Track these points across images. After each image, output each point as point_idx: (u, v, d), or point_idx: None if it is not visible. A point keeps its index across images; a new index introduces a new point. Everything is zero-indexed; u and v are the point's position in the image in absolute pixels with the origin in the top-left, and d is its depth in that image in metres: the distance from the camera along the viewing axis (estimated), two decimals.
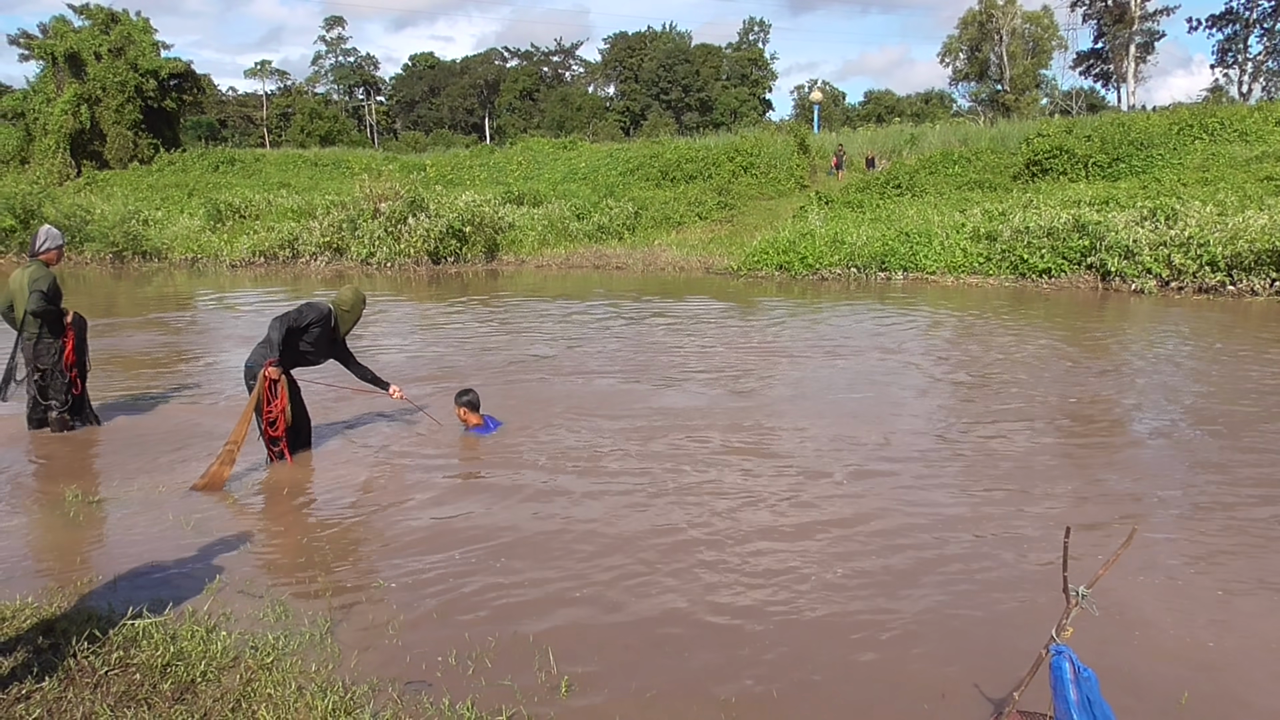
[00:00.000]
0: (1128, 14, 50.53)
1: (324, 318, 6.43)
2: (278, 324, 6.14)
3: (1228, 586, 4.43)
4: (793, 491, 5.81)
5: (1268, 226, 15.47)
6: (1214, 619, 4.12)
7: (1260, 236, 15.29)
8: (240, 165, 37.62)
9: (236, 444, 6.01)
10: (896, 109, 75.91)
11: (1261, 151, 23.75)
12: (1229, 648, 3.86)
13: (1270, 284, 15.10)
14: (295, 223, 24.44)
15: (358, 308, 6.70)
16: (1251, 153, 23.89)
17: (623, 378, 9.33)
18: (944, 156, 27.78)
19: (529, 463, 6.43)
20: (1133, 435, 7.41)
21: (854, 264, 18.48)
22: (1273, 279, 15.12)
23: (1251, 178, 20.67)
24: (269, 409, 6.17)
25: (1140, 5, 50.51)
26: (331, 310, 6.51)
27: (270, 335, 6.10)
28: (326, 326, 6.47)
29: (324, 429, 7.23)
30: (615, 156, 34.20)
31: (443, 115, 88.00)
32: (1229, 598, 4.32)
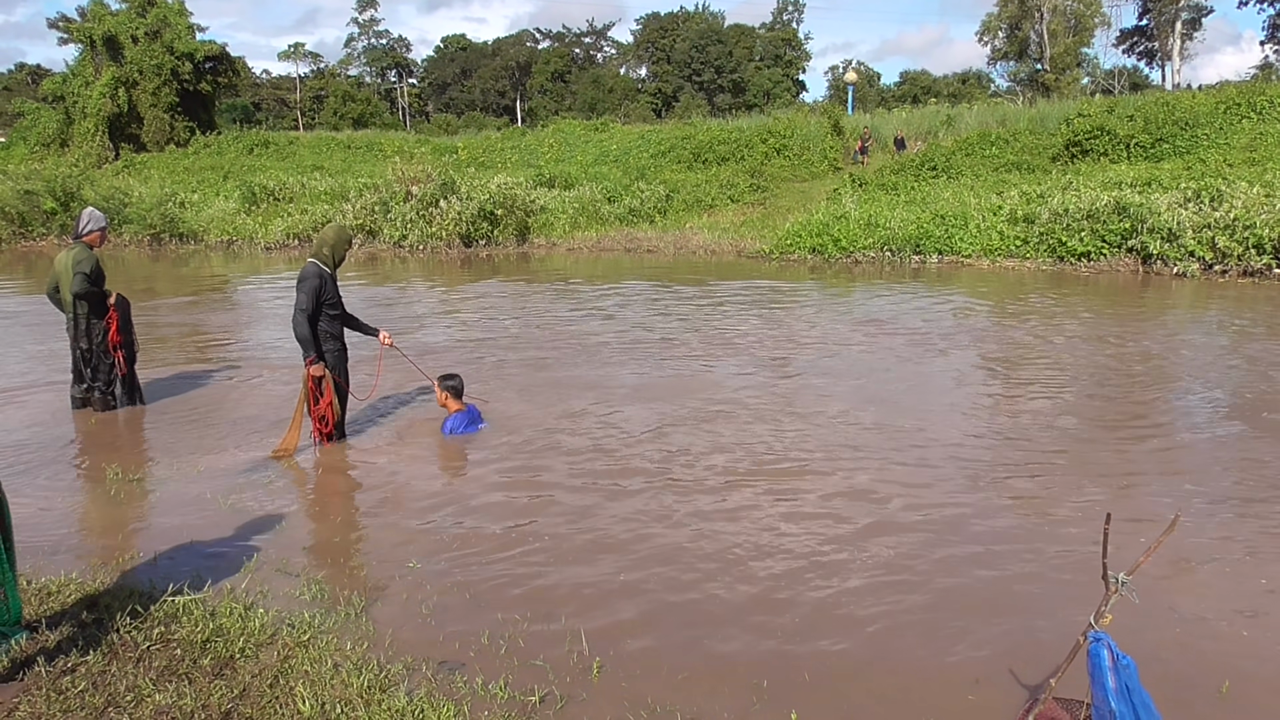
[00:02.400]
0: None
1: (321, 276, 6.25)
2: (302, 316, 6.10)
3: (1271, 577, 4.35)
4: (827, 477, 5.79)
5: None
6: (1257, 609, 4.05)
7: None
8: (274, 148, 37.93)
9: (288, 451, 6.17)
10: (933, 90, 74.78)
11: None
12: (1271, 639, 3.80)
13: None
14: (328, 205, 24.64)
15: (341, 234, 6.47)
16: None
17: (653, 362, 9.32)
18: (981, 138, 27.31)
19: (562, 449, 6.45)
20: (1176, 423, 7.28)
21: (888, 247, 18.27)
22: None
23: None
24: (316, 407, 6.25)
25: None
26: (318, 265, 6.28)
27: (297, 331, 6.12)
28: (330, 280, 6.32)
29: (363, 414, 7.31)
30: (647, 139, 34.04)
31: (474, 97, 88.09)
32: (1272, 588, 4.25)
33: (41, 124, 38.22)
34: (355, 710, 3.17)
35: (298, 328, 6.12)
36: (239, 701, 3.25)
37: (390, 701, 3.23)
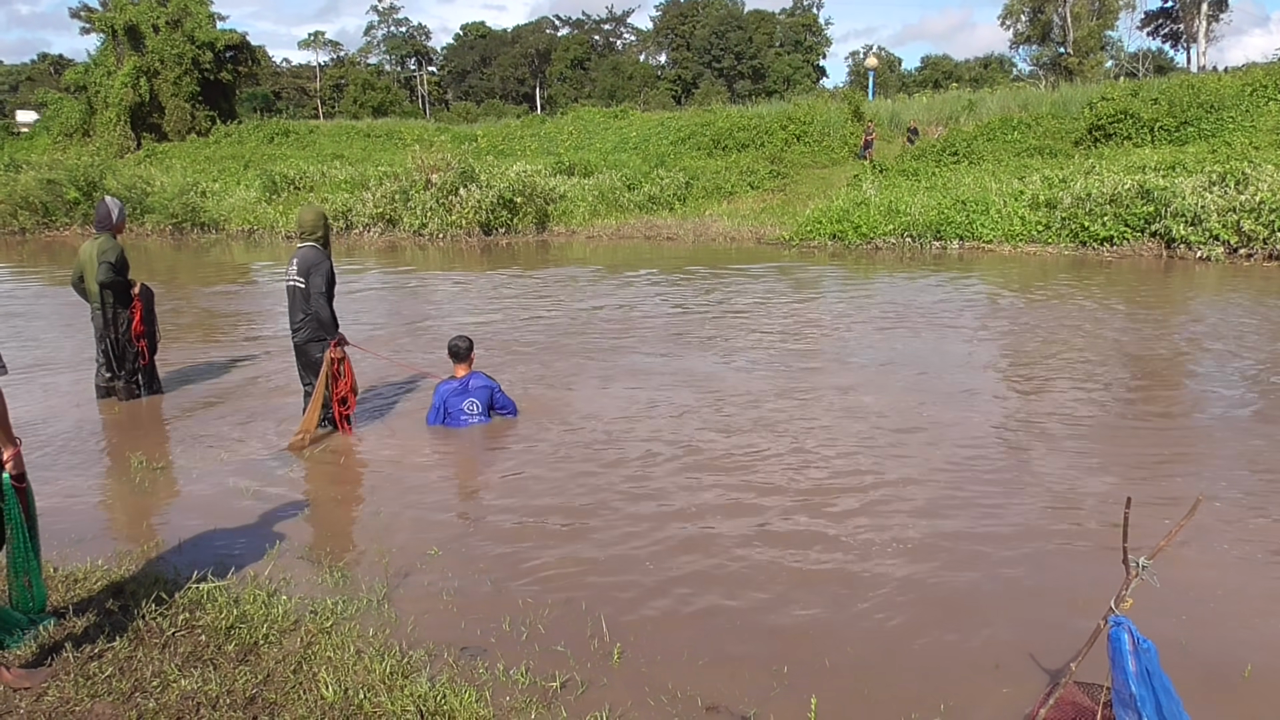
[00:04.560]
0: None
1: (329, 258, 6.26)
2: (323, 300, 6.12)
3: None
4: (847, 467, 5.76)
5: None
6: (1269, 595, 4.00)
7: None
8: (294, 137, 38.06)
9: (308, 432, 6.20)
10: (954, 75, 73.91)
11: None
12: None
13: None
14: (349, 194, 24.73)
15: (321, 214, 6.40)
16: None
17: (674, 351, 9.30)
18: (1003, 123, 26.98)
19: (583, 439, 6.46)
20: (1199, 409, 7.19)
21: (909, 233, 18.16)
22: None
23: None
24: (339, 387, 6.29)
25: None
26: (319, 248, 6.25)
27: (322, 315, 6.13)
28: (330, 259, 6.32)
29: (381, 401, 7.35)
30: (666, 126, 33.88)
31: (494, 85, 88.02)
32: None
33: (64, 114, 38.51)
34: (378, 696, 3.20)
35: (321, 310, 6.15)
36: (263, 687, 3.28)
37: (412, 687, 3.25)
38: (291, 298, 6.29)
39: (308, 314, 6.19)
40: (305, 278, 6.13)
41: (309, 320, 6.21)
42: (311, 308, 6.13)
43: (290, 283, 6.27)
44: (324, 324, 6.17)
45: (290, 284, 6.27)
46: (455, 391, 6.63)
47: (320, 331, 6.23)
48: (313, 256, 6.18)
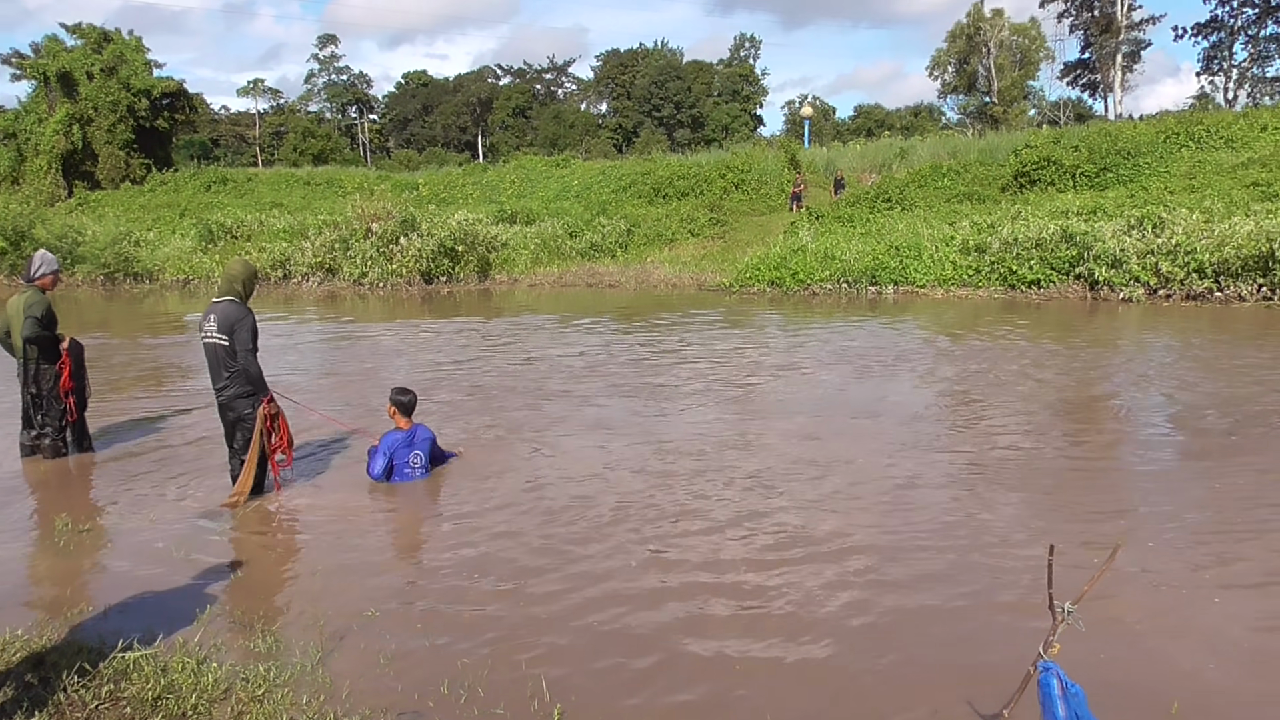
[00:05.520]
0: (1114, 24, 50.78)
1: (249, 311, 6.13)
2: (252, 356, 6.01)
3: (1221, 598, 4.44)
4: (790, 513, 5.82)
5: (1254, 232, 15.59)
6: (1207, 631, 4.12)
7: (1247, 243, 15.42)
8: (232, 185, 37.59)
9: (243, 494, 6.06)
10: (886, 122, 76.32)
11: (1248, 158, 23.89)
12: (1217, 658, 3.87)
13: (1257, 289, 15.25)
14: (287, 243, 24.44)
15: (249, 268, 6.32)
16: (1238, 159, 24.04)
17: (615, 399, 9.33)
18: (933, 169, 27.88)
19: (524, 491, 6.42)
20: (1123, 447, 7.44)
21: (845, 279, 18.53)
22: (1259, 284, 15.27)
23: (1238, 184, 20.76)
24: (273, 445, 6.16)
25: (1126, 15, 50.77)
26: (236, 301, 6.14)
27: (251, 372, 6.01)
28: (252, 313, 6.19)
29: (318, 456, 7.23)
30: (608, 174, 34.30)
31: (436, 133, 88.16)
32: (1217, 609, 4.33)
33: None
34: None
35: (250, 367, 6.03)
36: None
37: None
38: (213, 355, 6.08)
39: (233, 371, 6.05)
40: (229, 334, 5.98)
41: (235, 377, 6.05)
42: (239, 365, 6.00)
43: (211, 340, 6.05)
44: (254, 381, 6.04)
45: (212, 341, 6.05)
46: (402, 443, 6.55)
47: (247, 388, 6.09)
48: (234, 312, 6.04)
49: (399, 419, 6.64)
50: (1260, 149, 24.76)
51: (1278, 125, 26.69)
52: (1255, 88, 52.89)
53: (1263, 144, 25.39)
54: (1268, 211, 16.84)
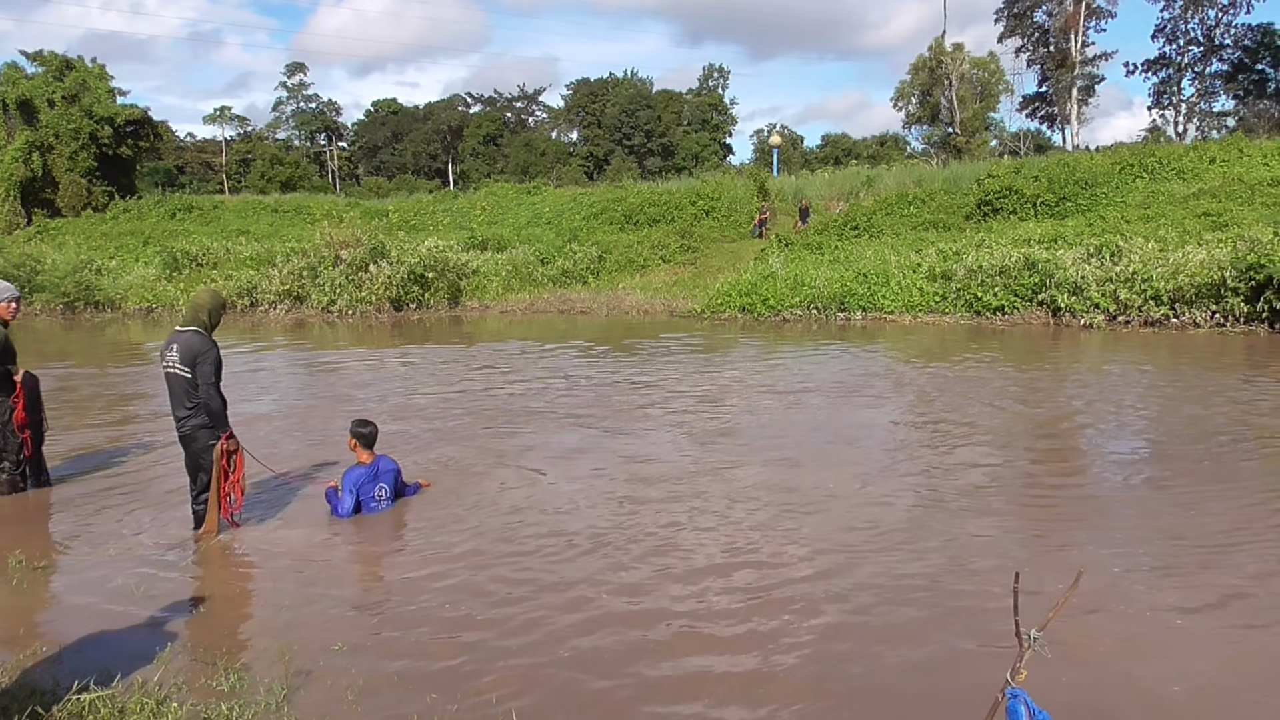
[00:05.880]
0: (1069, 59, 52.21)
1: (214, 344, 6.02)
2: (214, 391, 5.89)
3: (1179, 620, 4.49)
4: (755, 539, 5.81)
5: (1206, 261, 16.01)
6: (1167, 655, 4.17)
7: (1199, 271, 15.82)
8: (198, 212, 37.24)
9: (212, 532, 5.95)
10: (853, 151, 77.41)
11: (1198, 189, 24.63)
12: (1181, 682, 3.91)
13: (1210, 316, 15.60)
14: (254, 271, 24.19)
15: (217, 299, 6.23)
16: (1189, 190, 24.76)
17: (586, 428, 9.30)
18: (899, 198, 28.34)
19: (492, 522, 6.36)
20: (1090, 472, 7.53)
21: (814, 305, 18.69)
22: (1212, 311, 15.62)
23: (1190, 214, 21.35)
24: (226, 484, 6.03)
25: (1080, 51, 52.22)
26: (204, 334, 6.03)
27: (213, 406, 5.88)
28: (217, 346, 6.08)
29: (283, 491, 7.11)
30: (579, 201, 34.45)
31: (406, 161, 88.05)
32: (1181, 632, 4.38)
33: None
34: None
35: (211, 401, 5.90)
36: None
37: None
38: (175, 385, 5.95)
39: (195, 403, 5.93)
40: (191, 367, 5.87)
41: (197, 410, 5.93)
42: (200, 398, 5.89)
43: (173, 370, 5.93)
44: (214, 416, 5.92)
45: (173, 371, 5.93)
46: (366, 478, 6.43)
47: (209, 420, 5.98)
48: (198, 344, 5.92)
49: (360, 452, 6.53)
50: (1209, 180, 25.55)
51: (1225, 158, 27.61)
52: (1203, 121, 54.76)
53: (1211, 176, 26.19)
54: (1218, 241, 17.28)
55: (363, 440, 6.50)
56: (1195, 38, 52.23)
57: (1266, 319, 15.03)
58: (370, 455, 6.52)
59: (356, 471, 6.45)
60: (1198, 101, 53.79)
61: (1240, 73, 51.95)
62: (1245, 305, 15.22)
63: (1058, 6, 52.41)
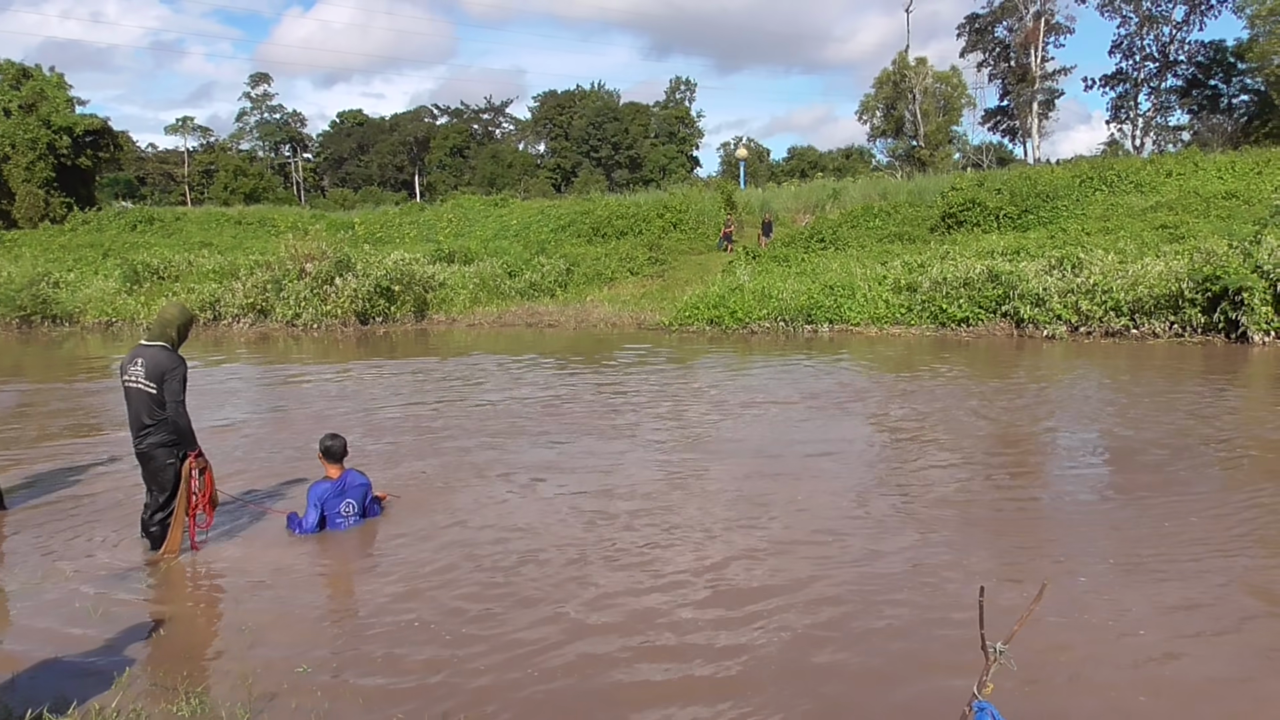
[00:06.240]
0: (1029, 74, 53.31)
1: (181, 360, 5.89)
2: (182, 408, 5.78)
3: (1143, 629, 4.56)
4: (725, 552, 5.81)
5: (1164, 273, 16.38)
6: (1132, 664, 4.22)
7: (1158, 282, 16.18)
8: (160, 224, 36.70)
9: (174, 552, 5.84)
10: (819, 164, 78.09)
11: (1155, 201, 25.20)
12: (1146, 691, 3.96)
13: (1169, 326, 15.96)
14: (217, 284, 23.88)
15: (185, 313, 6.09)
16: (1146, 203, 25.32)
17: (553, 439, 9.26)
18: (865, 210, 28.65)
19: (460, 539, 6.30)
20: (1056, 483, 7.63)
21: (782, 317, 18.80)
22: (1171, 322, 15.97)
23: (1148, 226, 21.82)
24: (194, 503, 5.93)
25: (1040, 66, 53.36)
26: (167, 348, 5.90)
27: (181, 424, 5.77)
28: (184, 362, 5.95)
29: (242, 507, 7.00)
30: (547, 213, 34.43)
31: (372, 172, 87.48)
32: (1146, 642, 4.44)
33: None
34: None
35: (179, 419, 5.80)
36: None
37: None
38: (136, 401, 5.82)
39: (158, 420, 5.82)
40: (158, 383, 5.75)
41: (159, 426, 5.81)
42: (168, 415, 5.78)
43: (136, 385, 5.80)
44: (182, 433, 5.81)
45: (136, 386, 5.80)
46: (332, 493, 6.34)
47: (170, 437, 5.86)
48: (165, 360, 5.81)
49: (328, 466, 6.44)
50: (1166, 193, 26.14)
51: (1181, 171, 28.28)
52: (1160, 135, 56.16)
53: (1168, 189, 26.80)
54: (1175, 253, 17.66)
55: (329, 454, 6.42)
56: (1151, 54, 53.59)
57: (1223, 329, 15.40)
58: (338, 469, 6.44)
59: (322, 486, 6.36)
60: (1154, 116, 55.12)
61: (1194, 88, 53.41)
62: (1202, 316, 15.60)
63: (1017, 22, 53.56)
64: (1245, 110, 51.30)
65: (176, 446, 5.86)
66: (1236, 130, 49.40)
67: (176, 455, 5.86)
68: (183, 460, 5.89)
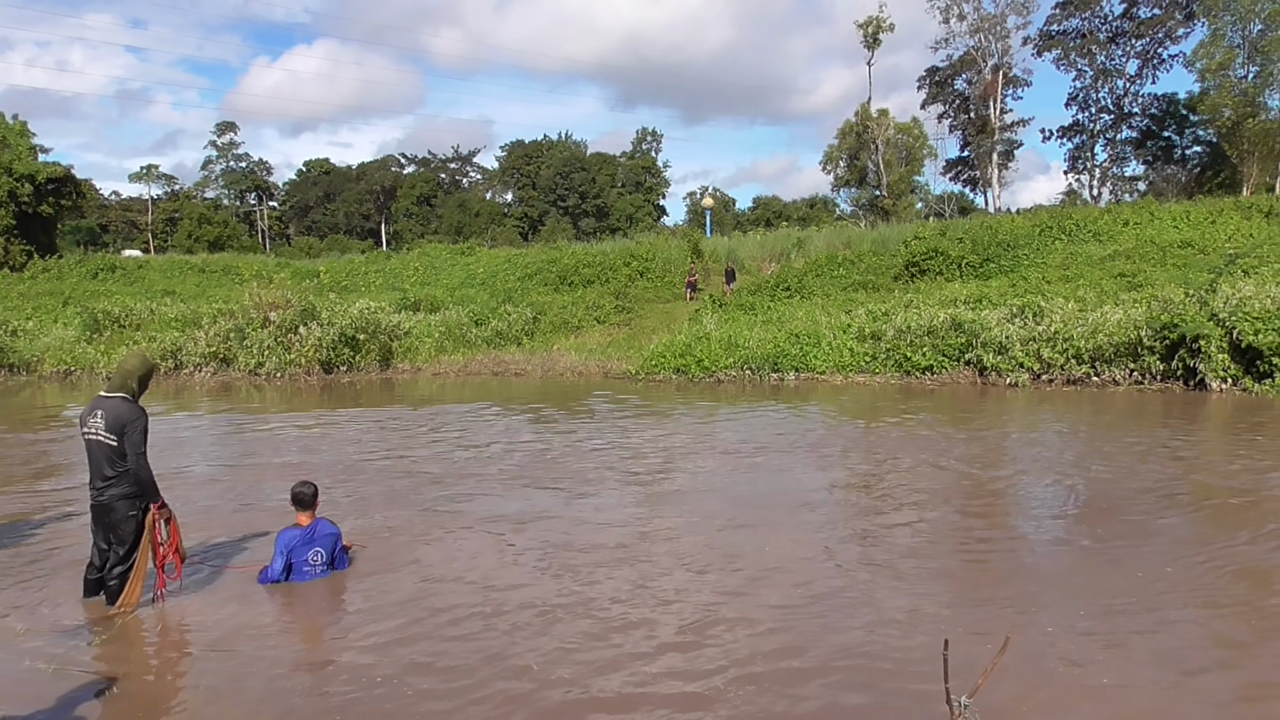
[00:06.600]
0: (989, 125, 54.93)
1: (142, 411, 5.83)
2: (145, 461, 5.72)
3: (1108, 681, 4.62)
4: (690, 606, 5.82)
5: (1123, 321, 16.77)
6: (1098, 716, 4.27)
7: (1117, 330, 16.54)
8: (122, 272, 36.38)
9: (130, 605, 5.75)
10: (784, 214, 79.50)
11: (1114, 250, 25.91)
12: None
13: (1129, 374, 16.27)
14: (179, 332, 23.64)
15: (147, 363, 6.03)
16: (1105, 251, 26.02)
17: (519, 489, 9.23)
18: (830, 259, 29.14)
19: (427, 593, 6.24)
20: (1017, 533, 7.73)
21: (748, 365, 18.94)
22: (1131, 369, 16.30)
23: (1106, 274, 22.40)
24: (160, 555, 5.85)
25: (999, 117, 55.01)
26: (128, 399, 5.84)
27: (143, 476, 5.70)
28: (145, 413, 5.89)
29: (203, 558, 6.90)
30: (513, 262, 34.61)
31: (338, 221, 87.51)
32: (1112, 694, 4.50)
33: None
34: None
35: (142, 471, 5.73)
36: None
37: None
38: (96, 454, 5.75)
39: (120, 471, 5.75)
40: (119, 435, 5.69)
41: (121, 478, 5.74)
42: (130, 468, 5.72)
43: (96, 438, 5.74)
44: (145, 485, 5.74)
45: (96, 439, 5.74)
46: (301, 541, 6.28)
47: (132, 489, 5.79)
48: (126, 411, 5.75)
49: (299, 514, 6.39)
50: (1124, 242, 26.89)
51: (1138, 221, 29.11)
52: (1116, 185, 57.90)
53: (1126, 238, 27.58)
54: (1134, 301, 18.14)
55: (300, 501, 6.37)
56: (1106, 106, 55.53)
57: (1181, 376, 15.74)
58: (309, 517, 6.39)
59: (291, 533, 6.31)
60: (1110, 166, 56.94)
61: (1148, 139, 55.39)
62: (1161, 363, 15.93)
63: (976, 75, 55.24)
64: (1198, 161, 53.14)
65: (139, 499, 5.79)
66: (1190, 180, 51.06)
67: (139, 507, 5.80)
68: (145, 512, 5.82)
